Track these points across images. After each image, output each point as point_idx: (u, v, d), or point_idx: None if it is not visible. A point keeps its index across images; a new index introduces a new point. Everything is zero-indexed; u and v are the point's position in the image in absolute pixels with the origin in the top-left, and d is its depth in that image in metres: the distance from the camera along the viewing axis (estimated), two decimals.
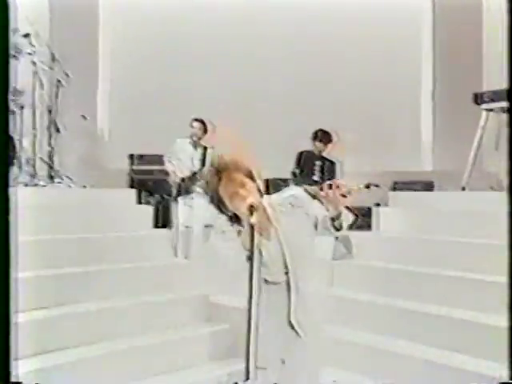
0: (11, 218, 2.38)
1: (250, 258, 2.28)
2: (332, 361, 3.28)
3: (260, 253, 2.30)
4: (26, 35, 5.68)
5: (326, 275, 4.34)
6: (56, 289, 4.40)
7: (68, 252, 4.76)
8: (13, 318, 2.50)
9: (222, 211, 2.47)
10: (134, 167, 7.45)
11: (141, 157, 7.45)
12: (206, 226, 5.94)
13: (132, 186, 7.16)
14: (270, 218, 2.36)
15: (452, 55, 7.98)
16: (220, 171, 2.41)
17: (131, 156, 7.47)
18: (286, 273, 2.48)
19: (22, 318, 3.64)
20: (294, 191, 2.57)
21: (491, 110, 5.50)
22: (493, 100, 5.48)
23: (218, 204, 2.46)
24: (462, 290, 4.40)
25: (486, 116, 5.52)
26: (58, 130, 5.97)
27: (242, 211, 2.28)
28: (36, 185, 5.47)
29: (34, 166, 5.57)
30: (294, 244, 2.47)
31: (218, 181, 2.41)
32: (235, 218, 2.44)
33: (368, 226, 6.17)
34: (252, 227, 2.21)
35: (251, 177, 2.43)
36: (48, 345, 3.97)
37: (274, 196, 2.50)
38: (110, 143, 7.99)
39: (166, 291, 4.90)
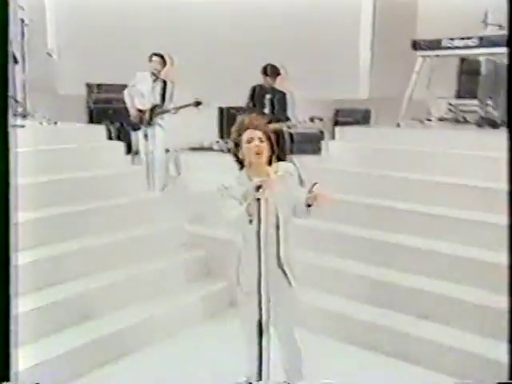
0: None
1: (251, 222, 2.87)
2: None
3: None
4: None
5: None
6: (37, 229, 4.60)
7: (49, 193, 4.93)
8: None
9: (236, 157, 3.12)
10: (93, 96, 7.50)
11: (99, 85, 7.49)
12: (166, 151, 6.64)
13: (91, 116, 7.34)
14: (272, 178, 2.89)
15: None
16: (242, 129, 3.08)
17: (88, 85, 7.48)
18: (277, 227, 3.08)
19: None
20: (292, 168, 3.20)
21: (427, 56, 6.01)
22: (429, 48, 6.01)
23: (235, 152, 3.13)
24: (409, 221, 5.00)
25: (422, 62, 6.07)
26: (16, 62, 5.99)
27: (250, 189, 2.82)
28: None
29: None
30: (283, 203, 3.06)
31: (238, 136, 3.08)
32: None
33: (314, 151, 6.86)
34: (258, 200, 2.78)
35: (267, 136, 3.08)
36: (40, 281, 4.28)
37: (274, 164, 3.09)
38: (62, 69, 7.77)
39: (146, 223, 5.25)
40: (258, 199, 2.76)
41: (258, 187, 2.72)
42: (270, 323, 3.04)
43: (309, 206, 2.98)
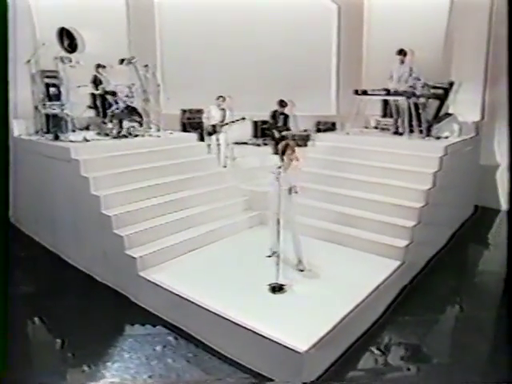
0: None
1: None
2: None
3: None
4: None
5: None
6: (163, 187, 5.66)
7: (174, 168, 6.00)
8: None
9: (281, 158, 4.44)
10: (186, 115, 8.47)
11: (187, 110, 8.45)
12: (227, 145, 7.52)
13: (184, 127, 8.36)
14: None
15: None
16: (286, 146, 4.51)
17: (182, 110, 8.48)
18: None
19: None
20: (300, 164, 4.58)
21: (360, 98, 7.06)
22: (361, 94, 7.09)
23: (281, 155, 4.45)
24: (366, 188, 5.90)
25: (359, 100, 7.12)
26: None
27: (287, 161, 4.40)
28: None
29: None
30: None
31: (285, 148, 4.48)
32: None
33: (304, 145, 7.42)
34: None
35: (294, 150, 4.48)
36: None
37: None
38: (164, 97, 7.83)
39: (218, 183, 6.40)
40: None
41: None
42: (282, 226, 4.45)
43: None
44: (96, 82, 7.11)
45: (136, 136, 6.71)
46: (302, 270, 4.82)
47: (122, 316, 4.71)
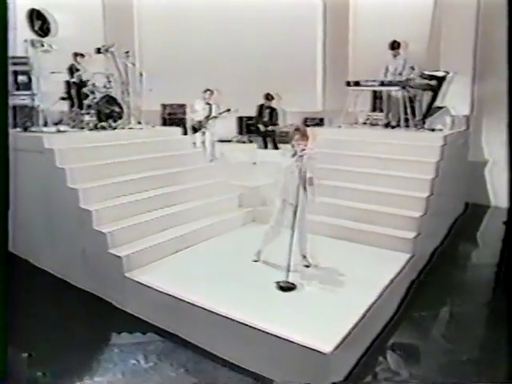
0: None
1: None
2: None
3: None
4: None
5: None
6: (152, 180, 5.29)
7: (161, 162, 5.59)
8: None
9: (292, 145, 4.01)
10: (166, 110, 8.13)
11: (168, 105, 8.11)
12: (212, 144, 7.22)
13: (164, 122, 7.99)
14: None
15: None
16: (296, 131, 4.08)
17: (163, 105, 8.14)
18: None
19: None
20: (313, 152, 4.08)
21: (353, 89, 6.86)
22: (354, 85, 6.88)
23: (291, 142, 4.03)
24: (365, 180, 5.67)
25: (352, 93, 6.92)
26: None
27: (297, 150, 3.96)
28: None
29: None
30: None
31: (294, 133, 4.06)
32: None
33: None
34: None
35: (306, 136, 4.03)
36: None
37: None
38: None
39: (206, 178, 5.99)
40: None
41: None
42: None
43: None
44: (72, 70, 6.47)
45: (115, 129, 6.13)
46: (307, 266, 4.44)
47: (105, 324, 4.14)
